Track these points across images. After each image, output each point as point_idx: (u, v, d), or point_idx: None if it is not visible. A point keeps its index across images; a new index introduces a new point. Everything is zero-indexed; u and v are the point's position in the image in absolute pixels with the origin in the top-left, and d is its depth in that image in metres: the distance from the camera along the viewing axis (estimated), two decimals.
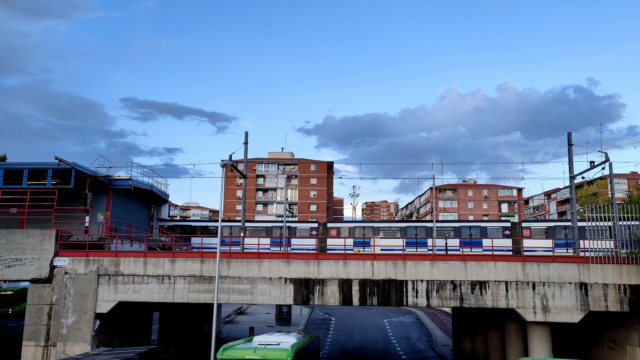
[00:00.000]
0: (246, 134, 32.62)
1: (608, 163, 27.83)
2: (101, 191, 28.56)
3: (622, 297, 23.08)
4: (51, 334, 23.92)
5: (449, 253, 33.48)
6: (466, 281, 23.75)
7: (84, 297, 24.06)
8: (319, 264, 24.25)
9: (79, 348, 23.41)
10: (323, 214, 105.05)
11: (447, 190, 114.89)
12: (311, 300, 24.11)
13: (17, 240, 24.73)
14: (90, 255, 24.69)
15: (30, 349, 23.78)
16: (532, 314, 23.22)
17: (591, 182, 75.76)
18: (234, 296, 24.26)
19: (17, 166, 27.40)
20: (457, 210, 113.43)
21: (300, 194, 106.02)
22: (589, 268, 23.43)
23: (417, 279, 23.96)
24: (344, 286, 24.09)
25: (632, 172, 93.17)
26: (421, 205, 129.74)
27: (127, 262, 24.51)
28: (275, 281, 24.20)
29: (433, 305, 23.97)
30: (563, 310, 23.13)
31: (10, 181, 26.90)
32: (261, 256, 24.62)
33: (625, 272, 23.28)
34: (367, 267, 24.16)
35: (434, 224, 36.53)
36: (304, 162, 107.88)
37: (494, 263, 23.81)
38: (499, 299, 23.49)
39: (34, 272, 24.50)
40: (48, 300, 24.24)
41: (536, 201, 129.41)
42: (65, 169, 26.53)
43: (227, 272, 24.32)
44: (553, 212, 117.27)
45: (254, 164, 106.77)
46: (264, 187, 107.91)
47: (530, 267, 23.60)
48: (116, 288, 24.24)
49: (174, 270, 24.38)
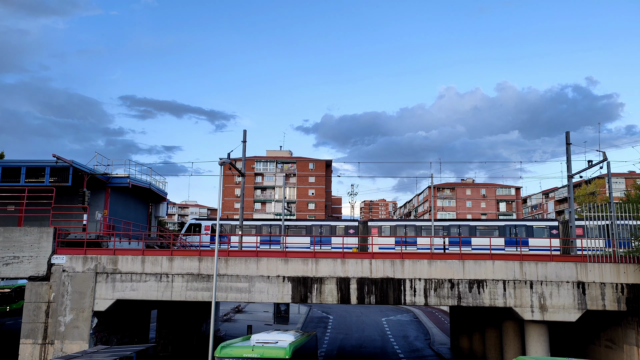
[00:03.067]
0: (244, 132, 32.58)
1: (606, 162, 27.84)
2: (99, 189, 28.51)
3: (619, 296, 23.13)
4: (49, 332, 23.89)
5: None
6: (464, 280, 23.78)
7: (82, 295, 24.04)
8: (317, 263, 24.26)
9: (76, 346, 23.38)
10: (321, 212, 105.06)
11: (446, 189, 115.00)
12: (309, 298, 24.12)
13: (15, 237, 24.69)
14: (88, 253, 24.67)
15: (28, 347, 23.75)
16: (529, 313, 23.26)
17: (589, 182, 75.96)
18: (232, 294, 24.27)
19: (14, 164, 27.32)
20: (455, 209, 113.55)
21: (298, 192, 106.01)
22: (586, 267, 23.48)
23: (415, 278, 23.98)
24: (342, 285, 24.10)
25: (629, 172, 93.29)
26: (419, 204, 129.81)
27: (125, 260, 24.50)
28: (274, 279, 24.21)
29: (431, 304, 23.99)
30: (560, 309, 23.17)
31: (8, 179, 26.83)
32: (259, 254, 24.62)
33: (622, 271, 23.33)
34: (365, 265, 24.17)
35: (476, 223, 35.10)
36: (302, 161, 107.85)
37: (492, 262, 23.84)
38: (496, 298, 23.53)
39: (31, 269, 24.46)
40: (46, 298, 24.20)
41: (534, 200, 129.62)
42: (63, 166, 26.47)
43: (225, 271, 24.32)
44: (551, 211, 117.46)
45: (252, 162, 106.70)
46: (262, 185, 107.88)
47: (528, 266, 23.64)
48: (114, 286, 24.22)
49: (172, 268, 24.36)
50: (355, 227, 38.94)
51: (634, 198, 34.03)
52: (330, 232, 38.59)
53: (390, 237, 29.73)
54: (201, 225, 39.46)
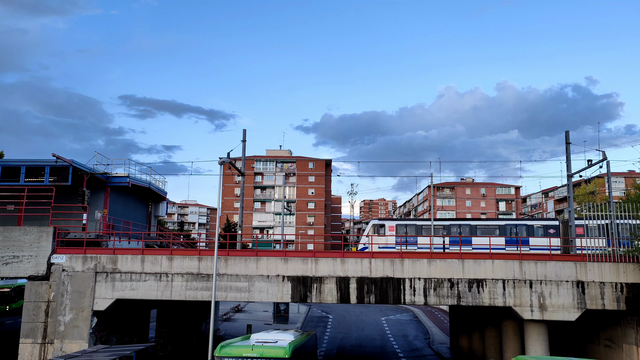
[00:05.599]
0: (244, 131, 32.59)
1: (605, 162, 27.88)
2: (99, 188, 28.51)
3: (618, 296, 23.15)
4: (48, 331, 23.90)
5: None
6: (463, 279, 23.79)
7: (82, 294, 24.04)
8: (317, 262, 24.27)
9: (76, 345, 23.39)
10: (321, 212, 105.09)
11: (445, 188, 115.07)
12: (309, 298, 24.12)
13: (15, 237, 24.68)
14: (87, 252, 24.67)
15: (28, 346, 23.76)
16: (529, 312, 23.28)
17: (589, 181, 76.03)
18: (232, 294, 24.27)
19: (14, 163, 27.33)
20: (455, 209, 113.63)
21: (298, 191, 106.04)
22: (585, 266, 23.49)
23: (415, 277, 24.00)
24: (342, 284, 24.11)
25: (629, 171, 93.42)
26: (419, 203, 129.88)
27: (125, 259, 24.50)
28: (273, 279, 24.21)
29: (430, 303, 24.01)
30: (560, 308, 23.19)
31: (7, 178, 26.84)
32: (259, 254, 24.62)
33: (622, 271, 23.35)
34: (365, 265, 24.18)
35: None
36: (302, 160, 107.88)
37: (492, 261, 23.85)
38: (496, 297, 23.54)
39: (31, 269, 24.46)
40: (45, 297, 24.21)
41: (534, 199, 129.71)
42: (62, 166, 26.48)
43: (225, 270, 24.33)
44: (550, 210, 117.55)
45: (252, 161, 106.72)
46: (262, 184, 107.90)
47: (528, 265, 23.65)
48: (114, 285, 24.23)
49: (172, 267, 24.37)
50: (556, 227, 35.60)
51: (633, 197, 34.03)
52: (527, 232, 35.41)
53: None
54: (385, 225, 38.10)
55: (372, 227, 38.55)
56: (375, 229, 38.01)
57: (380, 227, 37.46)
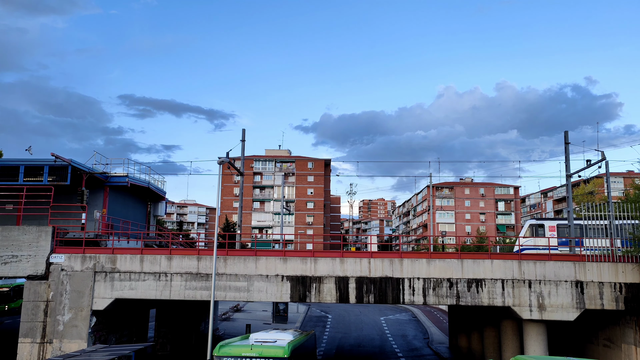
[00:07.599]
0: (243, 131, 32.59)
1: (604, 162, 27.87)
2: (98, 188, 28.48)
3: (617, 295, 23.17)
4: (47, 331, 23.88)
5: None
6: (462, 279, 23.81)
7: (81, 294, 24.03)
8: (316, 262, 24.27)
9: (75, 345, 23.37)
10: (320, 211, 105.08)
11: (444, 188, 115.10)
12: (308, 297, 24.12)
13: (13, 237, 24.66)
14: (86, 252, 24.66)
15: (26, 346, 23.74)
16: (528, 312, 23.30)
17: (588, 181, 76.04)
18: (231, 293, 24.27)
19: (13, 163, 27.29)
20: (454, 209, 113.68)
21: (297, 191, 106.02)
22: (584, 266, 23.52)
23: (414, 277, 24.01)
24: (341, 284, 24.12)
25: (628, 171, 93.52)
26: (418, 203, 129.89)
27: (124, 259, 24.48)
28: (272, 278, 24.21)
29: (429, 303, 24.02)
30: (559, 308, 23.21)
31: (6, 178, 26.80)
32: (258, 253, 24.62)
33: (621, 271, 23.37)
34: (364, 264, 24.18)
35: None
36: (301, 160, 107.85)
37: (491, 261, 23.87)
38: (495, 297, 23.56)
39: (30, 268, 24.44)
40: (44, 297, 24.19)
41: (533, 199, 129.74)
42: (61, 165, 26.45)
43: (224, 270, 24.32)
44: (549, 210, 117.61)
45: (251, 161, 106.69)
46: (261, 184, 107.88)
47: (527, 265, 23.67)
48: (112, 285, 24.21)
49: (171, 267, 24.36)
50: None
51: (632, 197, 34.05)
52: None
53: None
54: (544, 225, 37.00)
55: (530, 228, 37.03)
56: (533, 229, 36.58)
57: (539, 228, 35.93)
